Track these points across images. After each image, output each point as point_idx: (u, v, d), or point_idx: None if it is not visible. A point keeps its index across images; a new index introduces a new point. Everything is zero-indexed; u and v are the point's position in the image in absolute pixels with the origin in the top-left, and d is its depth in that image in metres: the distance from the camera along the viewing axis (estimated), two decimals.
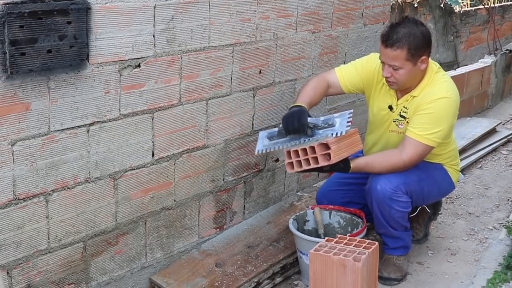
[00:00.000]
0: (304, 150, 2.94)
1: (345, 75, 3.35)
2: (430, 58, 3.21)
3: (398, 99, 3.24)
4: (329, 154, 2.88)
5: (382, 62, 3.12)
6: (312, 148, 2.91)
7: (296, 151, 2.95)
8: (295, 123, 3.00)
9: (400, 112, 3.23)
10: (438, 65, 3.29)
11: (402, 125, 3.22)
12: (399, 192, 3.09)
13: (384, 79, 3.17)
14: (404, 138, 3.13)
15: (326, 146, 2.89)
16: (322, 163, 2.90)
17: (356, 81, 3.35)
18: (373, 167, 3.10)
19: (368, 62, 3.35)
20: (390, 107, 3.26)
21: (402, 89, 3.20)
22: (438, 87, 3.14)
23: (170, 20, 2.85)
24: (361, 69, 3.34)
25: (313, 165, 2.93)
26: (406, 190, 3.11)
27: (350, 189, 3.43)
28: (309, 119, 3.03)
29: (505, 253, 3.41)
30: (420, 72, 3.12)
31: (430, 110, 3.08)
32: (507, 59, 6.80)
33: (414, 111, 3.14)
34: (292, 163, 2.98)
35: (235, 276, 3.09)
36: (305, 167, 2.94)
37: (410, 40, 3.01)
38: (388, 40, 3.03)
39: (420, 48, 3.05)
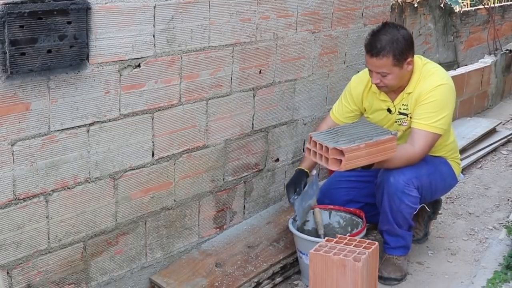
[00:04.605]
0: (323, 146, 2.91)
1: (338, 114, 3.47)
2: (423, 57, 3.33)
3: (393, 100, 3.28)
4: (340, 161, 2.87)
5: (370, 70, 3.19)
6: (327, 149, 2.88)
7: (316, 143, 2.93)
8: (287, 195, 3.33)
9: (399, 111, 3.26)
10: (423, 57, 3.36)
11: (405, 122, 3.26)
12: (411, 186, 3.13)
13: (374, 85, 3.24)
14: (412, 131, 3.17)
15: (342, 152, 2.85)
16: (332, 166, 2.89)
17: (350, 111, 3.44)
18: (390, 162, 3.09)
19: (355, 87, 3.42)
20: (389, 110, 3.28)
21: (393, 90, 3.25)
22: (432, 77, 3.21)
23: (170, 20, 2.85)
24: (350, 98, 3.43)
25: (324, 163, 2.92)
26: (417, 184, 3.15)
27: (352, 187, 3.45)
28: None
29: (505, 253, 3.41)
30: (407, 73, 3.19)
31: (432, 99, 3.15)
32: (507, 59, 6.79)
33: (415, 104, 3.19)
34: (311, 150, 2.96)
35: (235, 276, 3.09)
36: (318, 161, 2.95)
37: (394, 46, 3.08)
38: (372, 50, 3.10)
39: (404, 52, 3.11)
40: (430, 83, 3.18)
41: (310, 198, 3.28)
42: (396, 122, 3.28)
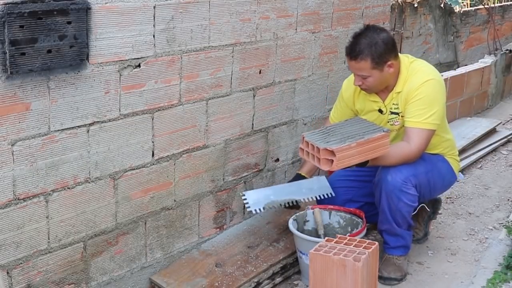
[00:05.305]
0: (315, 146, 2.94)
1: (336, 118, 3.52)
2: (410, 55, 3.37)
3: (384, 101, 3.29)
4: (332, 161, 2.88)
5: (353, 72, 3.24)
6: (319, 149, 2.91)
7: (308, 144, 2.96)
8: None
9: (390, 110, 3.28)
10: (410, 56, 3.37)
11: (398, 121, 3.27)
12: (409, 184, 3.12)
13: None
14: (406, 130, 3.18)
15: (333, 152, 2.87)
16: (324, 167, 2.91)
17: (346, 114, 3.46)
18: (387, 159, 3.10)
19: (345, 90, 3.47)
20: (380, 111, 3.29)
21: (380, 91, 3.28)
22: (418, 74, 3.22)
23: (170, 20, 2.85)
24: (343, 102, 3.48)
25: (316, 163, 2.94)
26: (415, 183, 3.15)
27: (352, 187, 3.45)
28: None
29: (505, 253, 3.41)
30: (389, 75, 3.20)
31: (420, 96, 3.17)
32: (507, 59, 6.79)
33: (405, 103, 3.21)
34: (304, 150, 3.01)
35: (235, 276, 3.10)
36: (311, 161, 2.97)
37: (372, 50, 3.10)
38: (351, 53, 3.15)
39: (383, 55, 3.13)
40: (417, 80, 3.19)
41: (294, 195, 3.28)
42: (388, 122, 3.30)
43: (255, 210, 3.20)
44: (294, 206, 3.35)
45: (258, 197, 3.24)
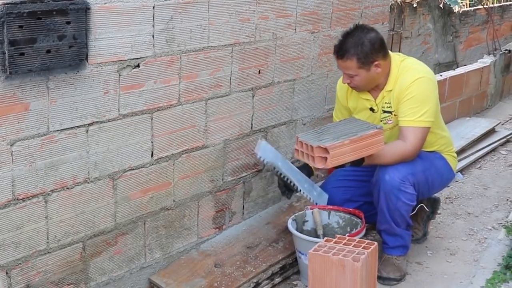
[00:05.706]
0: (309, 145, 2.95)
1: (337, 116, 3.56)
2: (401, 54, 3.41)
3: (375, 99, 3.31)
4: (326, 158, 2.89)
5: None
6: (312, 147, 2.92)
7: (302, 144, 2.98)
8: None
9: (383, 109, 3.29)
10: (401, 54, 3.39)
11: (391, 120, 3.28)
12: (407, 183, 3.13)
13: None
14: (401, 129, 3.19)
15: (326, 150, 2.89)
16: (318, 164, 2.92)
17: (343, 113, 3.51)
18: (384, 158, 3.12)
19: (339, 90, 3.52)
20: (372, 109, 3.30)
21: (372, 89, 3.30)
22: (409, 73, 3.24)
23: (169, 20, 2.85)
24: (339, 102, 3.53)
25: (311, 162, 2.95)
26: (413, 181, 3.16)
27: (350, 186, 3.46)
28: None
29: (504, 253, 3.41)
30: (377, 74, 3.22)
31: (412, 94, 3.18)
32: (506, 59, 6.79)
33: (398, 102, 3.22)
34: (299, 151, 3.03)
35: (234, 277, 3.09)
36: (306, 160, 2.98)
37: (358, 49, 3.13)
38: (338, 52, 3.19)
39: (369, 55, 3.15)
40: (408, 78, 3.21)
41: (296, 179, 3.32)
42: (381, 121, 3.31)
43: (261, 157, 3.28)
44: (287, 188, 3.34)
45: (270, 151, 3.30)
